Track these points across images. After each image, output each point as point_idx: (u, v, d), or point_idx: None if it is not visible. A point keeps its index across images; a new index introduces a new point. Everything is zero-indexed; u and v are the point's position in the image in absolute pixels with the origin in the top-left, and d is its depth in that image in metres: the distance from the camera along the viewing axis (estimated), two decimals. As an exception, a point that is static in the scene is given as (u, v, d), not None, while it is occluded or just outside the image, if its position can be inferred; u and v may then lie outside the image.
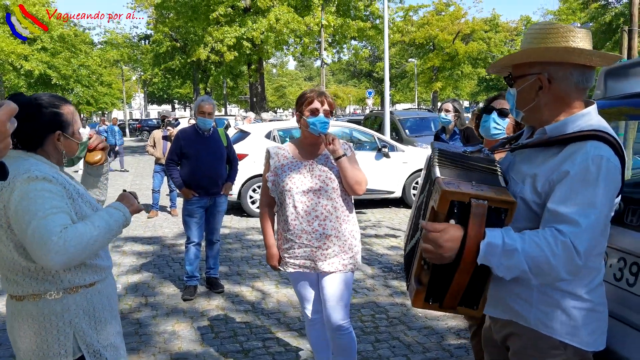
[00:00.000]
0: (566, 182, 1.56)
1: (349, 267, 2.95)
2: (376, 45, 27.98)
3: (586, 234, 1.51)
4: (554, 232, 1.52)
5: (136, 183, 14.00)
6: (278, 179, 2.92)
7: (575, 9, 39.80)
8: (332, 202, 2.88)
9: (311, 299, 3.10)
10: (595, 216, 1.52)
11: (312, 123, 2.84)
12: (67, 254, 1.75)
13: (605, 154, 1.55)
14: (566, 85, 1.67)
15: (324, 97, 2.90)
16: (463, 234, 1.51)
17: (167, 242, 7.42)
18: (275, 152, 3.01)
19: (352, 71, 67.43)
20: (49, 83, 34.95)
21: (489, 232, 1.51)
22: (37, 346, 1.90)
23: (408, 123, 14.19)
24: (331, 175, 2.90)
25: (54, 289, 1.91)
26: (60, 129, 1.98)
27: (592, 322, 1.67)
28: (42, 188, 1.82)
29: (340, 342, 3.05)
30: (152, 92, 58.13)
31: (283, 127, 9.81)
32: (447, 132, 5.46)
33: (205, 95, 6.11)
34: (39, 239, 1.74)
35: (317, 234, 2.86)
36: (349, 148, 3.01)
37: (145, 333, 4.29)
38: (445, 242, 1.51)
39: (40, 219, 1.76)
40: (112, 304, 2.11)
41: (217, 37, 22.00)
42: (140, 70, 39.93)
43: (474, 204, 1.49)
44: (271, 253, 3.07)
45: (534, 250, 1.51)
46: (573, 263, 1.51)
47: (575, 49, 1.64)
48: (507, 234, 1.52)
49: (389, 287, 5.30)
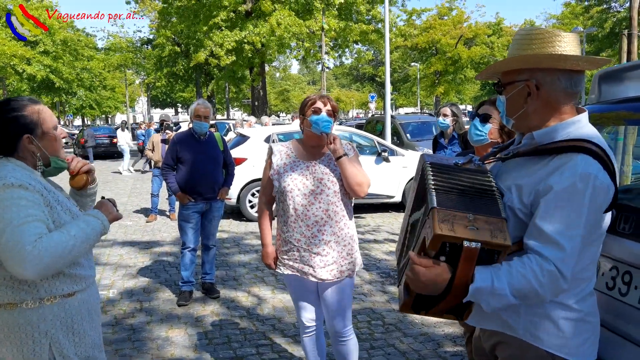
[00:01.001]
0: (552, 198, 1.53)
1: (347, 274, 2.89)
2: (378, 49, 28.01)
3: (571, 259, 1.51)
4: (539, 261, 1.51)
5: (136, 187, 13.99)
6: (279, 177, 2.87)
7: (578, 13, 39.82)
8: (333, 205, 2.83)
9: (307, 306, 3.04)
10: (580, 237, 1.51)
11: (315, 122, 2.79)
12: (41, 264, 1.70)
13: (594, 171, 1.52)
14: (554, 90, 1.64)
15: (326, 99, 2.88)
16: (451, 277, 1.50)
17: (165, 246, 7.39)
18: (278, 149, 2.95)
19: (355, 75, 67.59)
20: (52, 87, 35.09)
21: (478, 275, 1.50)
22: (12, 356, 1.86)
23: (409, 127, 14.17)
24: (333, 178, 2.84)
25: (30, 298, 1.87)
26: (27, 132, 1.93)
27: (582, 333, 1.63)
28: (18, 196, 1.77)
29: (342, 349, 3.02)
30: (156, 95, 58.31)
31: (283, 131, 9.78)
32: (446, 136, 5.44)
33: (201, 99, 6.08)
34: (12, 248, 1.69)
35: (316, 239, 2.81)
36: (352, 149, 2.96)
37: (139, 339, 4.26)
38: (428, 281, 1.51)
39: (15, 227, 1.71)
40: (93, 316, 2.05)
41: (216, 41, 22.03)
42: (144, 74, 40.07)
43: (466, 248, 1.46)
44: (267, 252, 3.03)
45: (520, 283, 1.51)
46: (559, 288, 1.53)
47: (561, 55, 1.61)
48: (496, 275, 1.51)
49: (386, 293, 5.25)
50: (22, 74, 30.09)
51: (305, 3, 23.41)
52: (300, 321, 3.10)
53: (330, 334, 3.05)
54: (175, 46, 29.85)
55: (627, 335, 1.95)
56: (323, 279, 2.84)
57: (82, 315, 1.99)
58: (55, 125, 2.02)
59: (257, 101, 26.03)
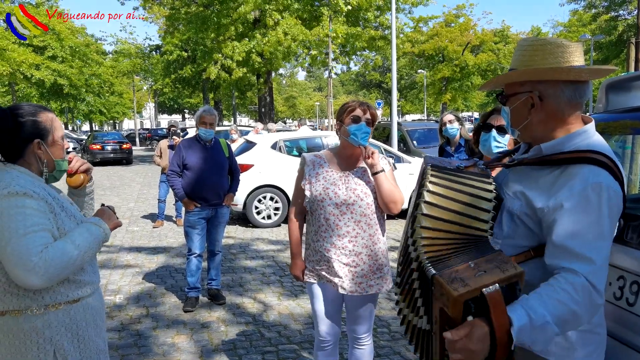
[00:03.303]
0: (569, 214, 1.50)
1: (376, 289, 2.81)
2: (385, 55, 28.06)
3: (602, 271, 1.47)
4: (568, 279, 1.45)
5: (143, 193, 14.04)
6: (311, 187, 2.81)
7: (586, 21, 39.73)
8: (366, 218, 2.76)
9: (328, 317, 2.94)
10: (606, 248, 1.48)
11: (353, 132, 2.71)
12: (47, 274, 1.72)
13: (604, 180, 1.50)
14: (558, 102, 1.62)
15: (366, 107, 2.78)
16: (489, 329, 1.37)
17: (171, 252, 7.40)
18: (311, 159, 2.89)
19: (361, 82, 67.62)
20: (60, 92, 35.35)
21: (513, 315, 1.38)
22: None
23: (416, 134, 14.15)
24: (367, 189, 2.77)
25: (35, 305, 1.87)
26: (39, 137, 1.95)
27: (589, 344, 1.62)
28: (22, 204, 1.78)
29: (358, 352, 3.00)
30: (163, 101, 58.60)
31: (289, 138, 9.81)
32: (453, 144, 5.40)
33: (206, 105, 6.10)
34: (18, 258, 1.70)
35: (346, 250, 2.75)
36: (388, 163, 2.88)
37: (145, 345, 4.26)
38: (475, 346, 1.37)
39: (20, 237, 1.72)
40: (98, 322, 2.06)
41: (226, 53, 22.08)
42: (151, 80, 40.32)
43: (489, 295, 1.37)
44: (296, 263, 2.97)
45: (558, 310, 1.42)
46: (595, 304, 1.46)
47: (563, 68, 1.59)
48: (529, 307, 1.40)
49: (392, 300, 5.23)
50: (30, 79, 30.32)
51: (313, 10, 23.48)
52: (317, 334, 3.00)
53: (349, 338, 3.03)
54: (183, 52, 29.97)
55: (635, 346, 1.94)
56: (352, 292, 2.78)
57: (87, 321, 1.99)
58: (63, 136, 2.05)
59: (264, 108, 26.07)
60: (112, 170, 21.12)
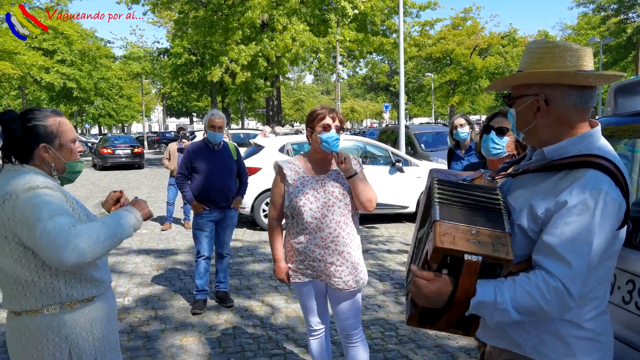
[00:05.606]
0: (562, 214, 1.50)
1: (361, 283, 2.99)
2: (393, 59, 28.05)
3: (579, 277, 1.47)
4: (544, 278, 1.48)
5: (152, 195, 14.11)
6: (291, 193, 2.94)
7: (595, 24, 39.51)
8: (345, 217, 2.91)
9: (316, 310, 3.11)
10: (589, 255, 1.48)
11: (325, 140, 2.89)
12: (77, 249, 1.75)
13: (604, 186, 1.49)
14: (564, 106, 1.61)
15: (335, 114, 2.96)
16: (452, 290, 1.50)
17: (180, 254, 7.44)
18: (285, 166, 3.03)
19: (369, 85, 67.61)
20: (70, 96, 35.61)
21: (480, 289, 1.48)
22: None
23: (424, 137, 14.13)
24: (344, 191, 2.93)
25: (51, 304, 1.92)
26: (45, 141, 1.99)
27: (592, 353, 1.59)
28: (44, 194, 1.85)
29: (353, 352, 3.08)
30: (171, 105, 58.87)
31: (297, 141, 9.82)
32: (463, 147, 5.37)
33: (215, 109, 6.13)
34: (48, 238, 1.75)
35: (329, 250, 2.89)
36: (358, 163, 3.03)
37: (153, 347, 4.29)
38: (430, 293, 1.51)
39: (47, 220, 1.77)
40: (111, 320, 2.11)
41: (232, 57, 22.12)
42: (160, 83, 40.54)
43: (467, 261, 1.45)
44: (279, 267, 3.11)
45: (525, 300, 1.48)
46: (566, 306, 1.49)
47: (569, 72, 1.58)
48: (499, 290, 1.49)
49: (400, 303, 5.23)
50: (40, 82, 30.53)
51: (321, 14, 23.48)
52: (307, 324, 3.17)
53: (341, 337, 3.13)
54: (191, 55, 30.10)
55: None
56: (340, 289, 2.92)
57: (101, 320, 2.04)
58: (74, 139, 2.08)
59: (271, 111, 26.12)
60: (120, 174, 21.23)
